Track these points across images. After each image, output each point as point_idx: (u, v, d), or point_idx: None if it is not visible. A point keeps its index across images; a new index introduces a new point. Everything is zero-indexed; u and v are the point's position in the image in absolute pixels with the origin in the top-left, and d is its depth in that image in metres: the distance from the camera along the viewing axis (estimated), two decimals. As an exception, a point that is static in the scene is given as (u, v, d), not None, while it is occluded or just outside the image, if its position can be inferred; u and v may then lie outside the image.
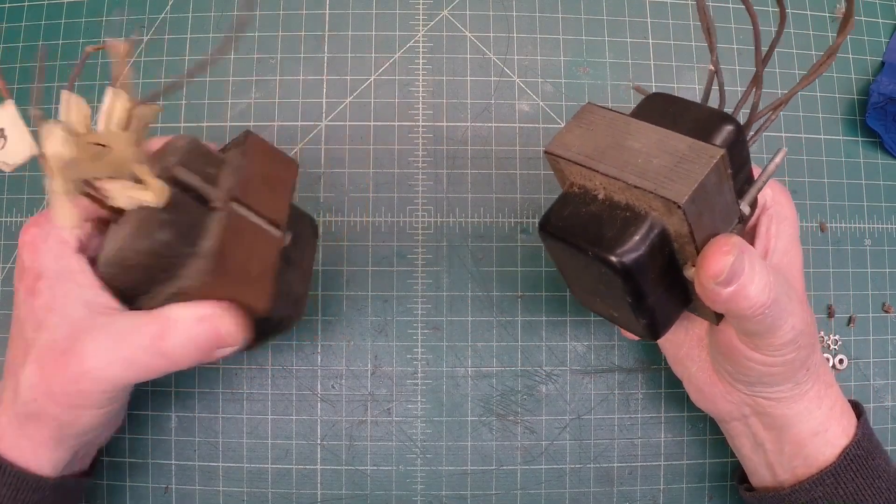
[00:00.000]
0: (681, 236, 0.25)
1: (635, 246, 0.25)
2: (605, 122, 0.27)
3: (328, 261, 0.40)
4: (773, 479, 0.33)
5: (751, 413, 0.33)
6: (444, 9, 0.43)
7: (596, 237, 0.26)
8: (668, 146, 0.25)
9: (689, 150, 0.25)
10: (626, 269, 0.25)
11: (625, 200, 0.26)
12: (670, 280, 0.27)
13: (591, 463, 0.40)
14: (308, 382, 0.40)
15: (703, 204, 0.25)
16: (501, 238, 0.41)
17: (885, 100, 0.42)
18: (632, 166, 0.25)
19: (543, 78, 0.42)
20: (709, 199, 0.25)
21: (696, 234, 0.25)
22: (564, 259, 0.29)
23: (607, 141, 0.26)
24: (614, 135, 0.26)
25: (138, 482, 0.39)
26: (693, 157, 0.24)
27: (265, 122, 0.41)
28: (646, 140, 0.26)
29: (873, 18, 0.44)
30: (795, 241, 0.31)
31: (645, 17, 0.43)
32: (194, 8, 0.42)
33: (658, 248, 0.26)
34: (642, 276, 0.26)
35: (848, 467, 0.31)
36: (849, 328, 0.42)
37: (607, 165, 0.26)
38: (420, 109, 0.42)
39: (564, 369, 0.40)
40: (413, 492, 0.39)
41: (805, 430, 0.31)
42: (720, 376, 0.33)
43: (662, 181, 0.24)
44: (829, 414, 0.32)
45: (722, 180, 0.25)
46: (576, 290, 0.31)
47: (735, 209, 0.27)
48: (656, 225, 0.25)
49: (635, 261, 0.25)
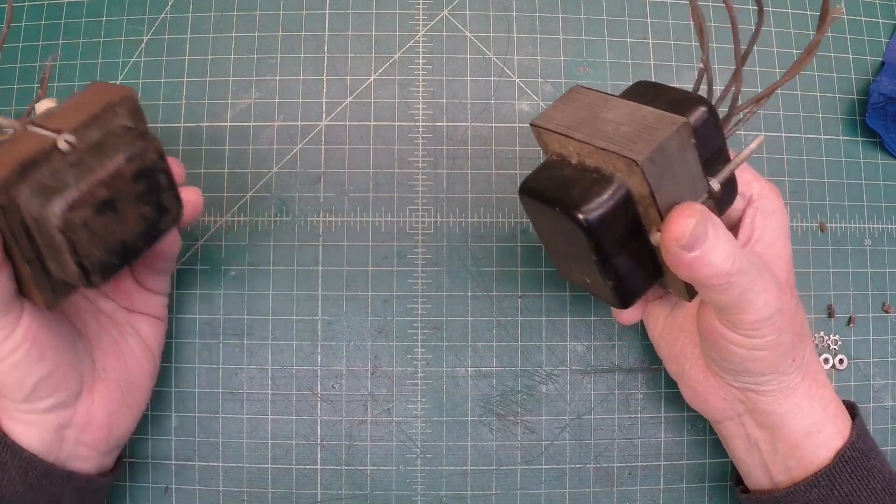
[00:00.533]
0: (643, 198, 0.27)
1: (599, 204, 0.27)
2: (587, 99, 0.29)
3: (328, 261, 0.40)
4: (769, 481, 0.33)
5: (744, 411, 0.33)
6: (444, 9, 0.43)
7: (565, 195, 0.28)
8: (637, 117, 0.27)
9: (654, 119, 0.27)
10: (590, 225, 0.27)
11: (594, 164, 0.28)
12: (638, 247, 0.29)
13: (591, 463, 0.40)
14: (308, 382, 0.40)
15: (664, 167, 0.26)
16: (501, 238, 0.41)
17: (885, 100, 0.42)
18: (602, 133, 0.27)
19: (543, 78, 0.42)
20: (670, 165, 0.26)
21: (658, 197, 0.27)
22: (542, 223, 0.31)
23: (585, 114, 0.28)
24: (592, 109, 0.29)
25: (138, 482, 0.39)
26: (656, 125, 0.27)
27: (265, 122, 0.41)
28: (619, 112, 0.28)
29: (873, 18, 0.44)
30: (782, 236, 0.32)
31: (645, 17, 0.43)
32: (194, 8, 0.42)
33: (621, 207, 0.27)
34: (606, 234, 0.27)
35: (843, 468, 0.31)
36: (849, 328, 0.42)
37: (581, 133, 0.28)
38: (420, 109, 0.42)
39: (564, 369, 0.40)
40: (413, 492, 0.39)
41: (798, 430, 0.31)
42: (712, 371, 0.33)
43: (626, 144, 0.26)
44: (822, 414, 0.32)
45: (685, 148, 0.27)
46: (555, 258, 0.33)
47: (702, 182, 0.28)
48: (621, 186, 0.27)
49: (599, 217, 0.27)
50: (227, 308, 0.40)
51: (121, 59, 0.42)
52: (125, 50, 0.42)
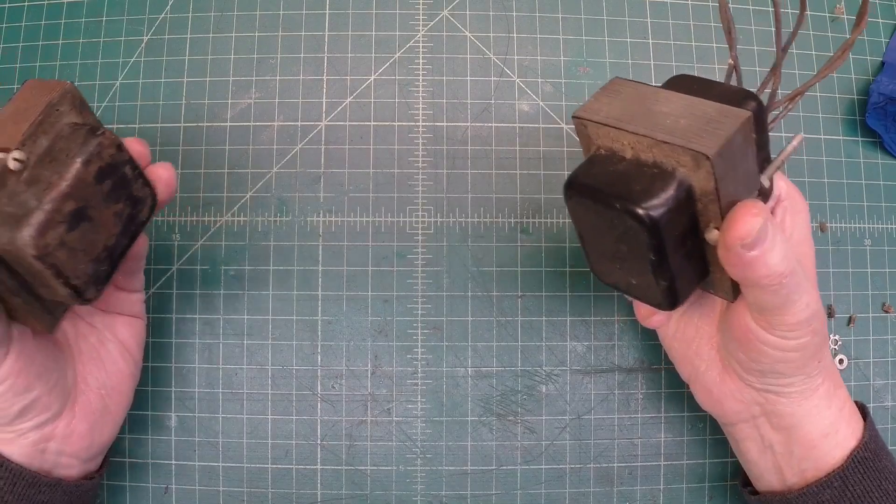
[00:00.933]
0: (706, 194, 0.26)
1: (663, 200, 0.25)
2: (632, 91, 0.28)
3: (328, 261, 0.40)
4: (781, 483, 0.33)
5: (760, 413, 0.32)
6: (444, 9, 0.43)
7: (624, 191, 0.26)
8: (696, 109, 0.26)
9: (716, 112, 0.25)
10: (654, 223, 0.25)
11: (652, 158, 0.26)
12: (691, 246, 0.28)
13: (591, 463, 0.40)
14: (308, 382, 0.40)
15: (730, 163, 0.25)
16: (501, 238, 0.41)
17: (885, 100, 0.42)
18: (661, 126, 0.26)
19: (543, 78, 0.42)
20: (735, 160, 0.25)
21: (722, 192, 0.25)
22: (587, 221, 0.29)
23: (635, 107, 0.27)
24: (642, 101, 0.27)
25: (138, 482, 0.39)
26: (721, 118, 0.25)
27: (265, 122, 0.41)
28: (674, 105, 0.26)
29: (873, 18, 0.44)
30: (808, 236, 0.31)
31: (645, 17, 0.43)
32: (194, 8, 0.42)
33: (684, 204, 0.26)
34: (668, 232, 0.26)
35: (856, 469, 0.31)
36: (849, 328, 0.42)
37: (636, 125, 0.26)
38: (420, 109, 0.42)
39: (564, 369, 0.40)
40: (413, 492, 0.39)
41: (815, 431, 0.31)
42: (731, 372, 0.32)
43: (691, 137, 0.25)
44: (838, 415, 0.32)
45: (748, 143, 0.26)
46: (594, 258, 0.32)
47: (756, 179, 0.27)
48: (684, 181, 0.26)
49: (662, 214, 0.25)
50: (227, 308, 0.40)
51: (121, 59, 0.42)
52: (125, 50, 0.42)
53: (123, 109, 0.41)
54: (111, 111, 0.41)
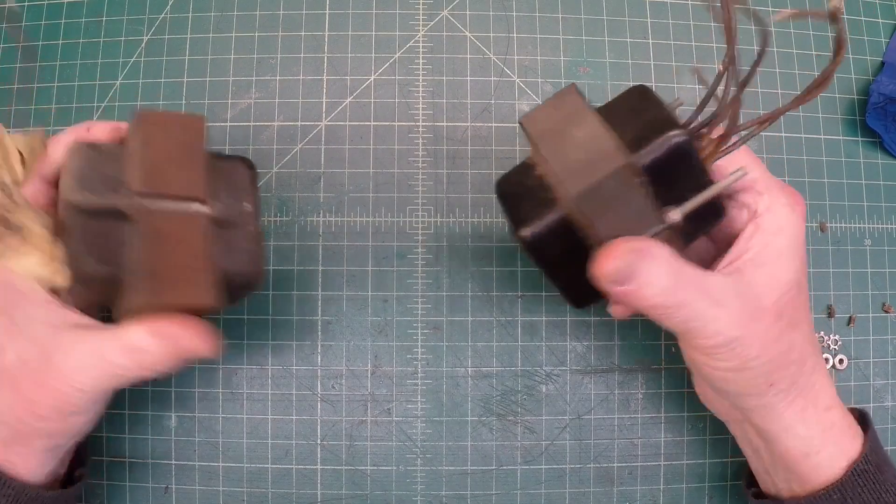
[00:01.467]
0: (583, 227, 0.27)
1: (540, 228, 0.28)
2: (569, 107, 0.29)
3: (328, 261, 0.40)
4: (774, 487, 0.33)
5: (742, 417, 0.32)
6: (444, 9, 0.43)
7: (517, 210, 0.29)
8: (598, 142, 0.27)
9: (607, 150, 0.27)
10: (529, 244, 0.28)
11: (549, 182, 0.28)
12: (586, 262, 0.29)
13: (591, 463, 0.40)
14: (308, 382, 0.40)
15: (602, 204, 0.26)
16: (501, 238, 0.41)
17: (885, 100, 0.42)
18: (561, 153, 0.27)
19: (543, 78, 0.42)
20: (609, 202, 0.27)
21: (599, 228, 0.27)
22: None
23: (559, 126, 0.28)
24: (567, 121, 0.28)
25: (138, 482, 0.39)
26: (602, 159, 0.26)
27: (265, 122, 0.41)
28: (586, 132, 0.27)
29: (873, 18, 0.44)
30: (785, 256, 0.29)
31: (645, 17, 0.43)
32: (194, 8, 0.42)
33: (562, 231, 0.28)
34: (545, 252, 0.29)
35: (855, 482, 0.30)
36: (849, 328, 0.42)
37: (546, 147, 0.28)
38: (420, 109, 0.42)
39: (564, 369, 0.40)
40: (413, 492, 0.39)
41: (794, 450, 0.30)
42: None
43: (572, 172, 0.26)
44: (822, 437, 0.30)
45: (628, 187, 0.26)
46: None
47: (651, 217, 0.27)
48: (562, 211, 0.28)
49: (536, 239, 0.28)
50: (227, 308, 0.40)
51: (121, 59, 0.42)
52: (125, 50, 0.42)
53: (123, 109, 0.41)
54: (111, 111, 0.41)
